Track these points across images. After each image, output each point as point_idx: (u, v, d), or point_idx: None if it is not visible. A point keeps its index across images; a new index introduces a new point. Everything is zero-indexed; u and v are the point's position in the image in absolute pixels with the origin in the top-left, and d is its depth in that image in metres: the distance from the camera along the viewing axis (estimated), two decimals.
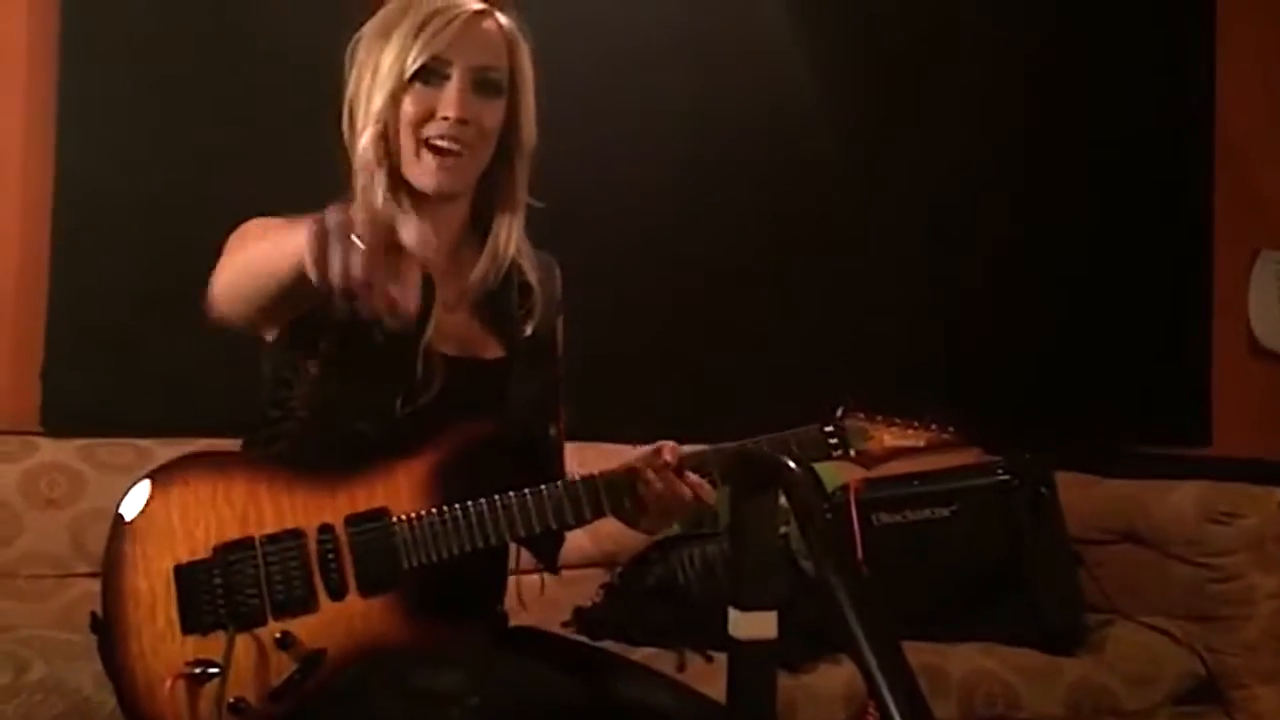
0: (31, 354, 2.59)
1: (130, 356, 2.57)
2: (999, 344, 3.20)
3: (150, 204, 2.60)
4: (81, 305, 2.58)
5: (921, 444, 1.62)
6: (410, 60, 1.51)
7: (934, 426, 1.63)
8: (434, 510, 1.48)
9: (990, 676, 2.29)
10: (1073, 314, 3.35)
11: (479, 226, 1.63)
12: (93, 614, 1.47)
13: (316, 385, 1.53)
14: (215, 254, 1.53)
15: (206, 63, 2.67)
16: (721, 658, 1.33)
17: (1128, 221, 3.42)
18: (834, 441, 1.59)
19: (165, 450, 1.58)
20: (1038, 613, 2.40)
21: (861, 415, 1.61)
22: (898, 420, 1.62)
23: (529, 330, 1.62)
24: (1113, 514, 2.74)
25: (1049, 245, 3.33)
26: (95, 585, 1.47)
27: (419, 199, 1.55)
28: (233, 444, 1.59)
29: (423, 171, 1.53)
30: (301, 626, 1.43)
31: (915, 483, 2.48)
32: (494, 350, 1.61)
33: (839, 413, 1.61)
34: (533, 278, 1.64)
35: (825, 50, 3.13)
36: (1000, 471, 2.46)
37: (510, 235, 1.61)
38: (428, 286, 1.50)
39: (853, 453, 1.60)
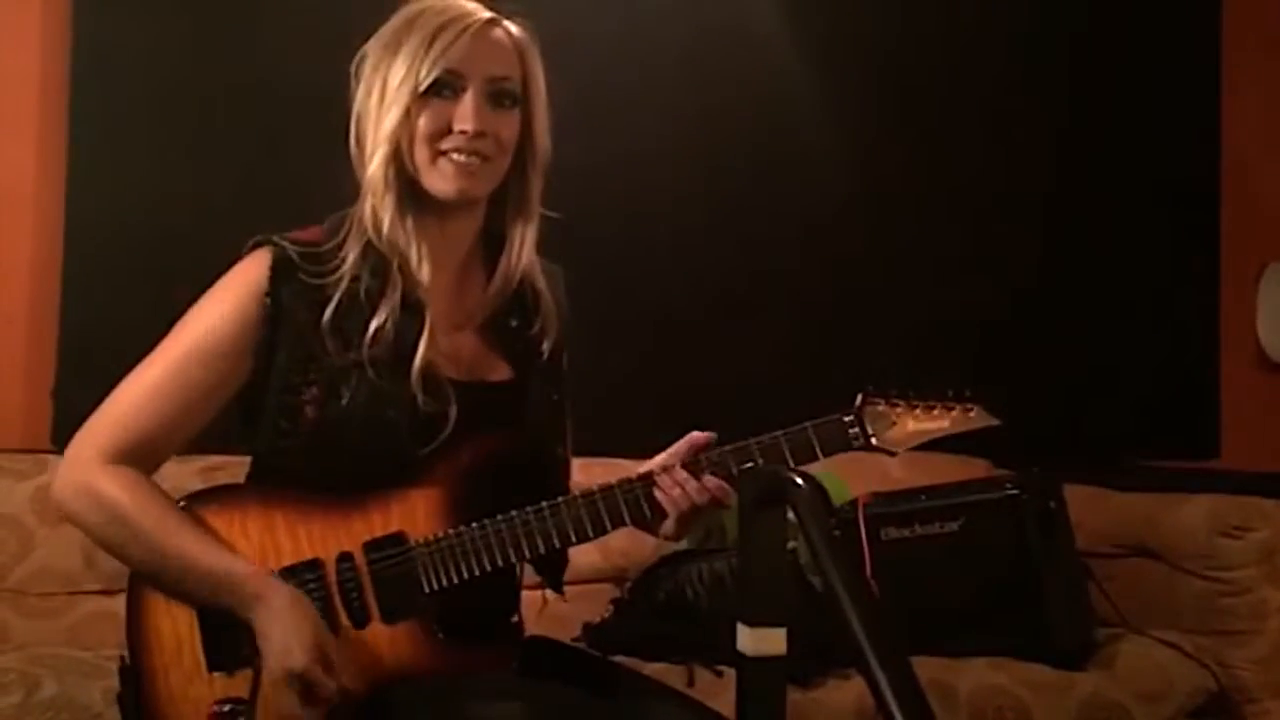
0: (43, 373, 2.61)
1: None
2: (1005, 358, 3.19)
3: (159, 227, 2.61)
4: (92, 324, 2.59)
5: (946, 425, 1.55)
6: (423, 75, 1.45)
7: (956, 405, 1.56)
8: (452, 531, 1.46)
9: (1000, 691, 2.28)
10: (1080, 327, 3.34)
11: (488, 242, 1.60)
12: (121, 658, 1.46)
13: (313, 435, 1.47)
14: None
15: (215, 92, 2.69)
16: (731, 673, 1.32)
17: (1135, 234, 3.42)
18: (854, 431, 1.51)
19: (172, 467, 1.57)
20: (1048, 627, 2.38)
21: (881, 401, 1.54)
22: (919, 402, 1.55)
23: (545, 349, 1.58)
24: (1122, 528, 2.73)
25: (1056, 260, 3.32)
26: (107, 602, 1.48)
27: (433, 211, 1.52)
28: (242, 460, 1.58)
29: (441, 178, 1.48)
30: None
31: (923, 497, 2.48)
32: (501, 372, 1.58)
33: (858, 401, 1.54)
34: (542, 285, 1.60)
35: (834, 60, 3.13)
36: (1008, 486, 2.45)
37: (525, 245, 1.57)
38: (418, 317, 1.49)
39: (874, 441, 1.52)
